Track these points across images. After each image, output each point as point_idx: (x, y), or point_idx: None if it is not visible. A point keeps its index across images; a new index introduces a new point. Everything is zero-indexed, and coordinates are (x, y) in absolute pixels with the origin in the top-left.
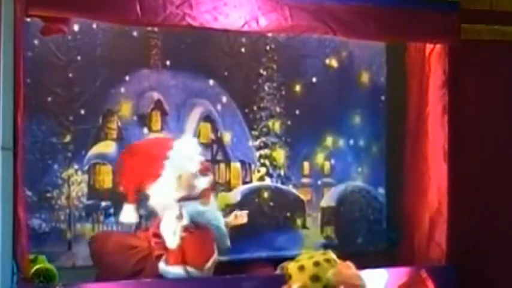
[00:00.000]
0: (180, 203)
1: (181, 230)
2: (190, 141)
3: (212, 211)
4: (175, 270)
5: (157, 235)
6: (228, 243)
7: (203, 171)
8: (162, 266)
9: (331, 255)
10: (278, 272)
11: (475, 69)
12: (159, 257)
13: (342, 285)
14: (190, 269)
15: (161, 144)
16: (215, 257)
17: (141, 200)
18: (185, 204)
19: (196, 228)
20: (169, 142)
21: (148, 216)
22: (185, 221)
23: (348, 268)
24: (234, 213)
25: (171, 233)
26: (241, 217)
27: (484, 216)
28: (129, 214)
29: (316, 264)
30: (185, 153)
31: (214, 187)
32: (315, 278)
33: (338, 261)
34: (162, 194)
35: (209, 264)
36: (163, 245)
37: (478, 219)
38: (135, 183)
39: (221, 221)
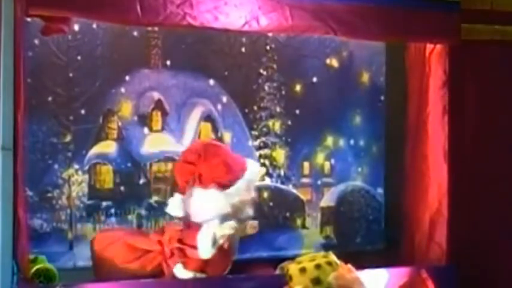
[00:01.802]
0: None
1: (220, 244)
2: (257, 167)
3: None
4: (189, 275)
5: (182, 242)
6: None
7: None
8: (180, 270)
9: (333, 257)
10: (278, 272)
11: (475, 69)
12: (174, 263)
13: None
14: (203, 275)
15: (239, 159)
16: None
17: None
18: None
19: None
20: (245, 161)
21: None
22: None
23: (350, 272)
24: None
25: (210, 245)
26: (252, 228)
27: (484, 216)
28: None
29: (318, 267)
30: (253, 179)
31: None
32: (316, 281)
33: (339, 263)
34: (210, 204)
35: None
36: (184, 252)
37: (478, 219)
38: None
39: None
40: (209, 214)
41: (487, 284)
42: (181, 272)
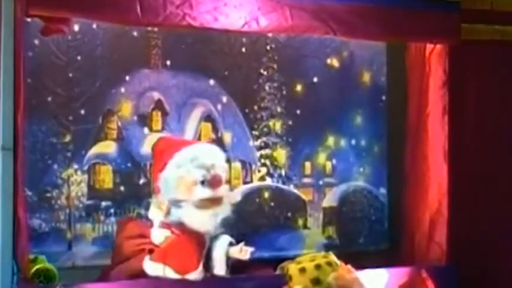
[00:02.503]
0: (171, 203)
1: (165, 227)
2: (209, 149)
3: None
4: (155, 268)
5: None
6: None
7: (211, 183)
8: (146, 260)
9: (333, 258)
10: (278, 272)
11: (475, 69)
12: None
13: None
14: (169, 271)
15: (178, 143)
16: (199, 270)
17: None
18: (178, 205)
19: (182, 232)
20: (185, 144)
21: None
22: (171, 218)
23: (349, 272)
24: (240, 246)
25: (156, 227)
26: (245, 253)
27: (484, 216)
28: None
29: (318, 267)
30: (193, 158)
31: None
32: (316, 281)
33: (339, 264)
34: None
35: (192, 276)
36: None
37: (478, 219)
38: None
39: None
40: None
41: (487, 284)
42: (147, 264)
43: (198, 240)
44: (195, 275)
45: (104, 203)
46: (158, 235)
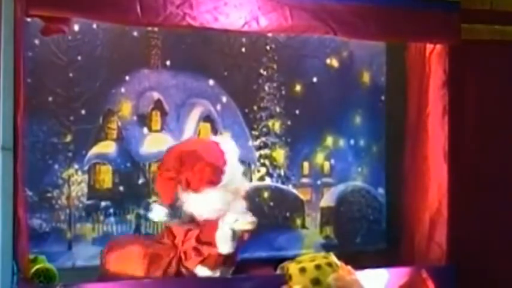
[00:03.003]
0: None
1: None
2: (231, 143)
3: None
4: (213, 274)
5: (201, 241)
6: None
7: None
8: (201, 269)
9: (333, 258)
10: (278, 271)
11: (475, 69)
12: (193, 264)
13: None
14: (225, 269)
15: (217, 151)
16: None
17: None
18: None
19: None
20: (217, 144)
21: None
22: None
23: (349, 273)
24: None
25: (230, 240)
26: (249, 223)
27: (484, 216)
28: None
29: (318, 267)
30: (233, 156)
31: None
32: (316, 282)
33: (340, 265)
34: (211, 200)
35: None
36: (200, 251)
37: (478, 219)
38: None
39: None
40: (217, 210)
41: (487, 284)
42: (203, 271)
43: None
44: None
45: (103, 203)
46: (229, 247)
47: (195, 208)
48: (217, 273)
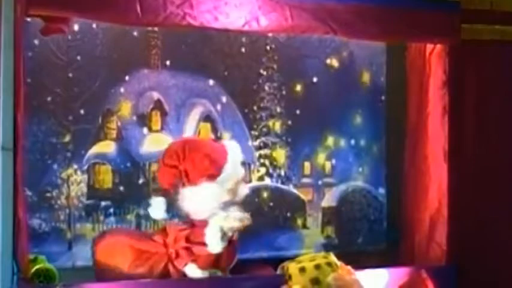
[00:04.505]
0: (224, 209)
1: (230, 236)
2: (237, 146)
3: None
4: (203, 274)
5: (191, 241)
6: None
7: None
8: (192, 269)
9: (333, 258)
10: (278, 272)
11: (475, 69)
12: (182, 264)
13: None
14: (217, 271)
15: (220, 147)
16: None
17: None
18: (230, 209)
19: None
20: (223, 144)
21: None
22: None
23: (349, 274)
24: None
25: (219, 239)
26: (238, 221)
27: (484, 216)
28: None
29: (317, 267)
30: (236, 159)
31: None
32: (316, 281)
33: (339, 265)
34: (207, 197)
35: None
36: (191, 251)
37: (478, 219)
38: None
39: None
40: (210, 208)
41: (487, 284)
42: (193, 271)
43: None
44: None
45: (103, 203)
46: (220, 246)
47: (191, 203)
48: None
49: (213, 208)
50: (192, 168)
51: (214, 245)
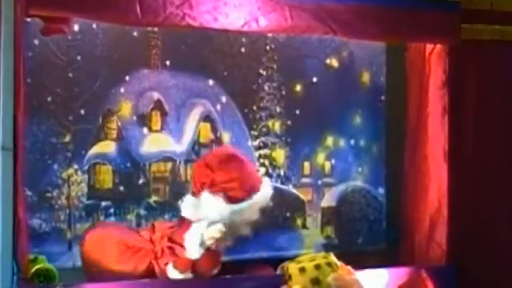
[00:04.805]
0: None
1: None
2: (270, 186)
3: None
4: (182, 276)
5: (172, 240)
6: None
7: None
8: (171, 269)
9: (333, 258)
10: (278, 272)
11: (475, 69)
12: (166, 264)
13: None
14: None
15: (255, 179)
16: (219, 266)
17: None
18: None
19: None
20: (259, 181)
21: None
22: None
23: (349, 274)
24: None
25: (197, 245)
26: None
27: (484, 216)
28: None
29: (317, 267)
30: (262, 202)
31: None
32: (316, 282)
33: (339, 265)
34: (210, 210)
35: (214, 272)
36: (173, 251)
37: (478, 219)
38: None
39: None
40: (202, 217)
41: (487, 284)
42: (171, 272)
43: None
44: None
45: (104, 203)
46: (197, 252)
47: (201, 209)
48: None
49: (204, 218)
50: (222, 180)
51: (191, 249)
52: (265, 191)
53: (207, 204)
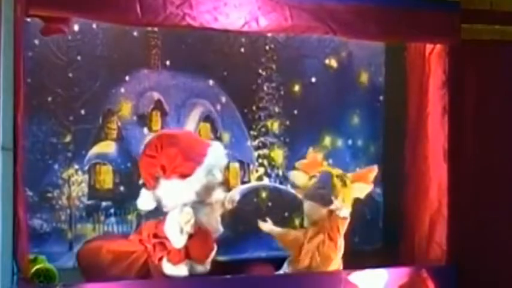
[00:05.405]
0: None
1: (189, 230)
2: (222, 150)
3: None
4: (180, 268)
5: (158, 236)
6: None
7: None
8: (167, 266)
9: None
10: None
11: (475, 69)
12: (160, 259)
13: None
14: (194, 264)
15: (200, 145)
16: (215, 250)
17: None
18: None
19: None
20: (206, 146)
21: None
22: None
23: None
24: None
25: (178, 233)
26: (230, 202)
27: (484, 216)
28: (146, 200)
29: None
30: (216, 162)
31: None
32: None
33: None
34: (176, 193)
35: (211, 257)
36: (163, 245)
37: (478, 219)
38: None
39: None
40: (175, 204)
41: (487, 284)
42: (167, 266)
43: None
44: (213, 254)
45: (104, 203)
46: (181, 240)
47: (164, 198)
48: (184, 270)
49: (176, 205)
50: (167, 162)
51: (174, 239)
52: (215, 152)
53: (168, 191)
